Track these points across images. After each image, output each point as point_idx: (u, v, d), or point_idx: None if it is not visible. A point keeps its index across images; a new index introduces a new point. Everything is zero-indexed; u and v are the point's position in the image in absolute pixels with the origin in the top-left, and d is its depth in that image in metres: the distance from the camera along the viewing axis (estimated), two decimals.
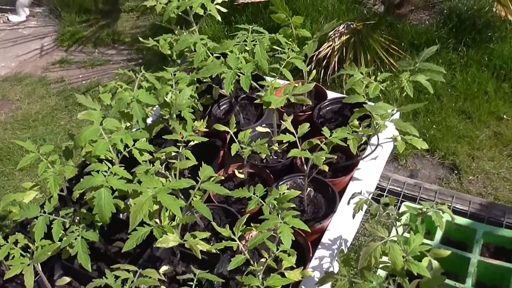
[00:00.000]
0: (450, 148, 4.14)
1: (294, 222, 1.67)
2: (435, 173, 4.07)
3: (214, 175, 1.72)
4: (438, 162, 4.13)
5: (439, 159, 4.13)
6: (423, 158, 4.19)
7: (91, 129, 1.74)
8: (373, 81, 2.05)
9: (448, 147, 4.15)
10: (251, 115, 2.46)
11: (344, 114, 2.40)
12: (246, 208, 2.00)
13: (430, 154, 4.19)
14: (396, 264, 1.58)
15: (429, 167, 4.12)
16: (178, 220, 1.71)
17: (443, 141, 4.18)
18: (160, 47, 2.35)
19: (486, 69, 4.48)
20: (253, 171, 2.20)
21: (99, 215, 1.61)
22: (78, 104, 4.84)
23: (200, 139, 1.88)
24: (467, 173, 3.98)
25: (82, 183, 1.63)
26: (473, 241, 1.99)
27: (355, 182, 2.17)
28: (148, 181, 1.62)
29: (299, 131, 1.96)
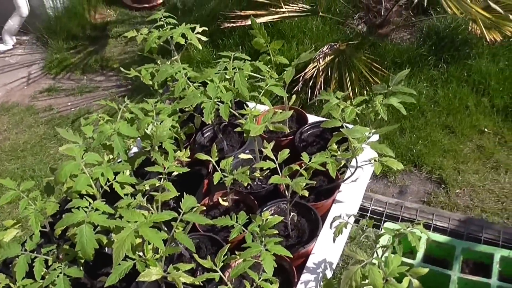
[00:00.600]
0: (436, 162, 4.20)
1: (276, 249, 1.69)
2: (423, 188, 4.12)
3: (197, 205, 1.74)
4: (425, 177, 4.18)
5: (427, 174, 4.18)
6: (411, 174, 4.24)
7: (71, 164, 1.76)
8: (348, 105, 2.09)
9: (435, 162, 4.20)
10: (234, 141, 2.49)
11: (325, 137, 2.44)
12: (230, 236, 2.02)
13: (417, 169, 4.24)
14: (376, 287, 1.61)
15: (417, 183, 4.17)
16: (161, 253, 1.72)
17: (429, 156, 4.24)
18: (142, 77, 2.38)
19: (466, 84, 4.57)
20: (238, 198, 2.22)
21: (82, 252, 1.62)
22: None
23: (181, 170, 1.90)
24: (454, 186, 4.04)
25: (63, 221, 1.64)
26: (453, 258, 2.02)
27: (338, 205, 2.19)
28: (129, 216, 1.64)
29: (279, 157, 1.99)
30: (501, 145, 4.20)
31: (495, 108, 4.41)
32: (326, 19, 5.18)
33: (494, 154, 4.13)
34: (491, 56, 4.66)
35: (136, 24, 6.59)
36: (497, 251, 2.02)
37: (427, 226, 2.38)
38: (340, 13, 5.35)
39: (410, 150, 4.29)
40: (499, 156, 4.11)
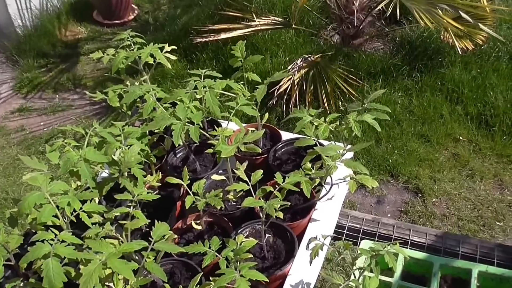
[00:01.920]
0: (412, 172, 4.21)
1: (251, 274, 1.64)
2: (400, 197, 4.12)
3: (168, 233, 1.69)
4: (402, 186, 4.19)
5: (403, 184, 4.20)
6: (388, 183, 4.24)
7: (35, 195, 1.70)
8: (322, 123, 2.06)
9: (411, 171, 4.22)
10: (207, 161, 2.44)
11: (300, 154, 2.41)
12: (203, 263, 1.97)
13: (394, 179, 4.25)
14: None
15: (394, 192, 4.17)
16: (132, 284, 1.66)
17: (406, 166, 4.25)
18: (109, 100, 2.32)
19: (440, 93, 4.61)
20: (212, 220, 2.17)
21: (49, 286, 1.55)
22: (41, 153, 4.75)
23: (150, 197, 1.85)
24: (430, 195, 4.05)
25: (28, 256, 1.57)
26: (431, 274, 2.00)
27: (314, 223, 2.16)
28: (97, 246, 1.58)
29: (252, 178, 1.95)
30: (475, 152, 4.24)
31: (469, 116, 4.45)
32: (300, 31, 5.19)
33: (469, 162, 4.16)
34: (464, 65, 4.71)
35: (107, 40, 6.51)
36: (475, 266, 2.01)
37: (404, 241, 2.36)
38: (313, 24, 5.36)
39: (386, 160, 4.30)
40: (474, 164, 4.14)
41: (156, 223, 1.72)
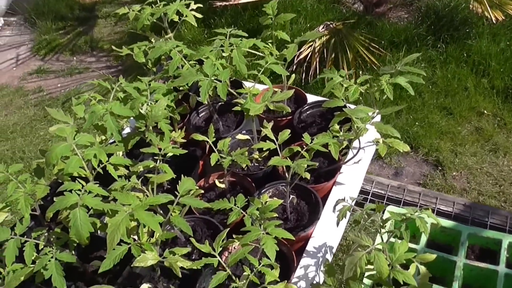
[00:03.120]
0: (433, 144, 4.14)
1: (277, 232, 1.62)
2: (419, 170, 4.06)
3: (194, 188, 1.66)
4: (422, 159, 4.12)
5: (423, 156, 4.13)
6: (407, 156, 4.18)
7: (62, 146, 1.68)
8: (352, 84, 2.01)
9: (431, 144, 4.14)
10: (230, 121, 2.41)
11: (325, 117, 2.36)
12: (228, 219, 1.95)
13: (414, 152, 4.18)
14: (381, 273, 1.54)
15: (413, 164, 4.11)
16: (157, 237, 1.65)
17: (426, 138, 4.18)
18: (135, 55, 2.28)
19: (465, 65, 4.49)
20: (235, 180, 2.15)
21: (76, 236, 1.54)
22: None
23: (178, 152, 1.82)
24: (450, 169, 3.99)
25: (55, 204, 1.56)
26: (458, 243, 1.96)
27: (339, 187, 2.13)
28: (124, 198, 1.57)
29: (279, 138, 1.91)
30: (500, 127, 4.14)
31: (495, 89, 4.34)
32: None
33: (493, 137, 4.07)
34: (492, 36, 4.56)
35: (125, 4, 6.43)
36: (506, 237, 1.96)
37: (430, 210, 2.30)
38: None
39: (407, 132, 4.23)
40: (498, 139, 4.06)
41: (182, 178, 1.69)
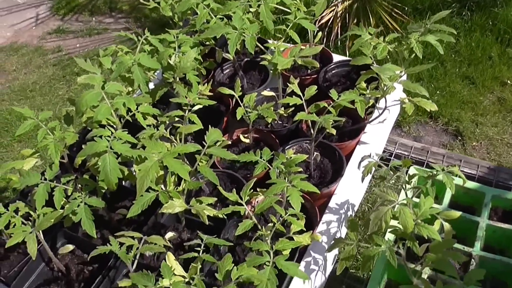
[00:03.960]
0: (453, 114, 4.10)
1: (303, 185, 1.63)
2: (438, 139, 4.04)
3: (221, 139, 1.67)
4: (441, 128, 4.09)
5: (443, 125, 4.09)
6: (426, 125, 4.15)
7: (92, 93, 1.69)
8: (381, 42, 1.98)
9: (452, 113, 4.10)
10: (254, 79, 2.41)
11: (350, 77, 2.35)
12: (252, 174, 1.97)
13: (433, 121, 4.15)
14: (406, 228, 1.55)
15: (432, 134, 4.09)
16: (184, 186, 1.67)
17: (447, 107, 4.14)
18: (161, 9, 2.27)
19: (490, 33, 4.41)
20: (258, 136, 2.16)
21: (106, 181, 1.56)
22: (76, 74, 4.76)
23: (208, 102, 1.82)
24: (470, 139, 3.95)
25: (85, 149, 1.58)
26: (481, 205, 1.95)
27: (362, 146, 2.12)
28: (153, 146, 1.58)
29: (306, 93, 1.91)
30: None
31: None
32: None
33: None
34: None
35: None
36: None
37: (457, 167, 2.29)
38: None
39: None
40: None
41: (210, 129, 1.70)
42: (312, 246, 1.82)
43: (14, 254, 1.84)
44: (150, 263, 1.76)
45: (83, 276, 1.76)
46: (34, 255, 1.55)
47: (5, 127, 4.21)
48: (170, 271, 1.39)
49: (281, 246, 1.48)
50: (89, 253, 1.82)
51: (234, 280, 1.34)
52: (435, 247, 1.58)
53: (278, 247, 1.47)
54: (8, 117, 4.30)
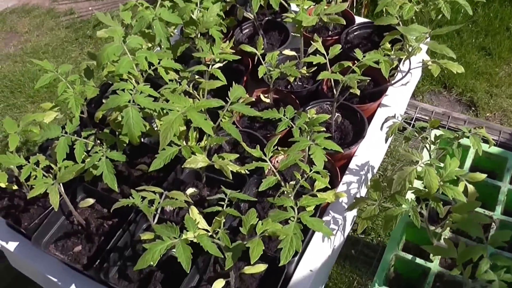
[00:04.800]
0: (468, 84, 4.05)
1: (326, 143, 1.61)
2: (451, 110, 3.99)
3: (244, 96, 1.65)
4: (455, 98, 4.05)
5: (457, 96, 4.05)
6: (440, 95, 4.11)
7: (114, 46, 1.66)
8: (407, 2, 1.94)
9: (466, 84, 4.05)
10: (274, 40, 2.37)
11: (372, 40, 2.31)
12: (271, 134, 1.96)
13: (447, 91, 4.11)
14: (431, 188, 1.54)
15: (445, 104, 4.04)
16: (206, 142, 1.66)
17: (461, 78, 4.08)
18: None
19: (509, 4, 4.32)
20: (278, 97, 2.13)
21: (129, 135, 1.55)
22: (89, 37, 4.72)
23: (233, 57, 1.79)
24: (484, 110, 3.91)
25: (108, 103, 1.56)
26: (503, 170, 1.94)
27: (384, 109, 2.10)
28: (176, 100, 1.56)
29: (330, 52, 1.88)
30: None
31: None
32: None
33: None
34: None
35: None
36: None
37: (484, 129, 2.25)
38: None
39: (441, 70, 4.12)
40: None
41: (234, 85, 1.68)
42: (332, 206, 1.81)
43: (34, 207, 1.84)
44: (170, 218, 1.76)
45: (103, 230, 1.77)
46: (57, 206, 1.55)
47: (18, 88, 4.19)
48: (194, 224, 1.38)
49: (306, 202, 1.47)
50: (109, 208, 1.83)
51: (259, 234, 1.34)
52: (459, 208, 1.57)
53: (303, 203, 1.46)
54: (21, 78, 4.27)
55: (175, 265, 1.56)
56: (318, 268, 1.65)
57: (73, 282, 1.72)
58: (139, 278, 1.62)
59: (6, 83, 4.28)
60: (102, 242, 1.73)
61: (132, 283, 1.60)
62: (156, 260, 1.29)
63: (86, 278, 1.72)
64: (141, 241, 1.69)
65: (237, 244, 1.36)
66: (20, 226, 1.77)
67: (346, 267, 2.84)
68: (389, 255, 1.74)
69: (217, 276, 1.58)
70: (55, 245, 1.74)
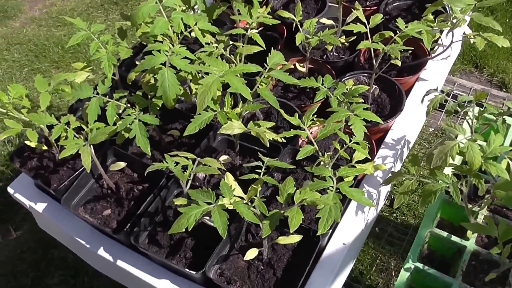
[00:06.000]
0: (500, 65, 3.94)
1: (366, 114, 1.56)
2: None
3: (283, 63, 1.60)
4: (486, 79, 3.94)
5: (488, 76, 3.94)
6: (471, 75, 4.00)
7: (149, 5, 1.60)
8: None
9: (498, 65, 3.94)
10: (310, 8, 2.30)
11: (411, 12, 2.23)
12: (305, 104, 1.90)
13: (478, 71, 4.00)
14: (473, 165, 1.48)
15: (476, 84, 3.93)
16: (242, 108, 1.61)
17: (493, 58, 3.97)
18: None
19: None
20: (313, 67, 2.07)
21: (164, 97, 1.50)
22: (114, 3, 4.65)
23: (272, 21, 1.73)
24: None
25: (143, 63, 1.52)
26: None
27: (422, 83, 2.03)
28: (213, 63, 1.51)
29: (371, 22, 1.80)
30: None
31: None
32: None
33: None
34: None
35: None
36: None
37: None
38: None
39: (473, 49, 4.01)
40: None
41: (273, 51, 1.62)
42: (366, 180, 1.76)
43: (63, 169, 1.81)
44: (201, 185, 1.73)
45: (133, 195, 1.74)
46: (89, 167, 1.52)
47: (43, 52, 4.16)
48: (230, 190, 1.35)
49: (345, 173, 1.42)
50: (139, 172, 1.81)
51: (298, 203, 1.30)
52: (502, 185, 1.51)
53: (342, 173, 1.42)
54: (46, 42, 4.24)
55: (205, 233, 1.55)
56: (351, 242, 1.62)
57: (101, 245, 1.70)
58: (169, 244, 1.59)
59: (31, 47, 4.25)
60: (131, 206, 1.71)
61: (162, 249, 1.58)
62: (191, 224, 1.26)
63: (114, 242, 1.71)
64: (171, 207, 1.68)
65: (275, 213, 1.33)
66: (49, 187, 1.75)
67: (369, 244, 2.81)
68: (424, 232, 1.70)
69: (248, 245, 1.55)
70: (84, 208, 1.72)
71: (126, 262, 1.64)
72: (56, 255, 2.85)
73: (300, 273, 1.45)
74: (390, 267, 2.70)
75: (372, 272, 2.68)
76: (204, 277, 1.50)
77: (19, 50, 4.26)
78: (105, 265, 1.77)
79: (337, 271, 1.57)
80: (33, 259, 2.87)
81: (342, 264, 1.60)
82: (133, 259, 1.65)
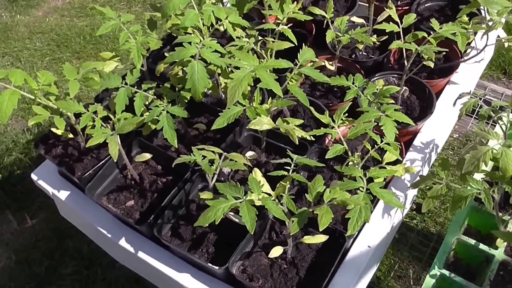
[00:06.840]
0: None
1: (397, 115, 1.53)
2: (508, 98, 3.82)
3: (315, 60, 1.57)
4: None
5: None
6: (499, 81, 3.92)
7: None
8: None
9: None
10: (340, 6, 2.27)
11: (444, 13, 2.19)
12: (332, 103, 1.88)
13: (506, 77, 3.92)
14: (507, 171, 1.44)
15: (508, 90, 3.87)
16: (271, 104, 1.59)
17: None
18: None
19: None
20: (342, 66, 2.04)
21: (192, 90, 1.49)
22: None
23: (305, 17, 1.71)
24: None
25: (173, 55, 1.50)
26: None
27: (452, 86, 1.99)
28: (243, 57, 1.49)
29: (404, 21, 1.77)
30: None
31: None
32: None
33: None
34: None
35: None
36: None
37: None
38: None
39: (502, 55, 3.94)
40: None
41: (304, 47, 1.60)
42: (394, 182, 1.73)
43: (88, 158, 1.81)
44: (225, 180, 1.71)
45: (156, 187, 1.73)
46: (116, 157, 1.50)
47: (65, 42, 4.18)
48: (258, 186, 1.33)
49: (375, 174, 1.40)
50: (163, 164, 1.79)
51: (327, 202, 1.27)
52: None
53: (372, 174, 1.39)
54: (68, 32, 4.26)
55: (227, 229, 1.53)
56: (376, 245, 1.59)
57: (123, 236, 1.69)
58: (191, 238, 1.58)
59: (53, 37, 4.27)
60: (155, 198, 1.70)
61: (184, 242, 1.56)
62: (219, 218, 1.24)
63: (136, 233, 1.70)
64: (195, 201, 1.66)
65: (303, 211, 1.30)
66: (73, 175, 1.75)
67: (388, 249, 2.76)
68: (451, 238, 1.66)
69: (272, 243, 1.53)
70: (107, 198, 1.71)
71: (147, 254, 1.63)
72: (71, 245, 2.85)
73: (324, 274, 1.42)
74: (408, 274, 2.66)
75: (389, 278, 2.64)
76: (226, 273, 1.48)
77: (41, 39, 4.27)
78: (126, 256, 1.76)
79: (360, 273, 1.54)
80: (48, 248, 2.87)
81: (366, 267, 1.58)
82: (154, 251, 1.64)
